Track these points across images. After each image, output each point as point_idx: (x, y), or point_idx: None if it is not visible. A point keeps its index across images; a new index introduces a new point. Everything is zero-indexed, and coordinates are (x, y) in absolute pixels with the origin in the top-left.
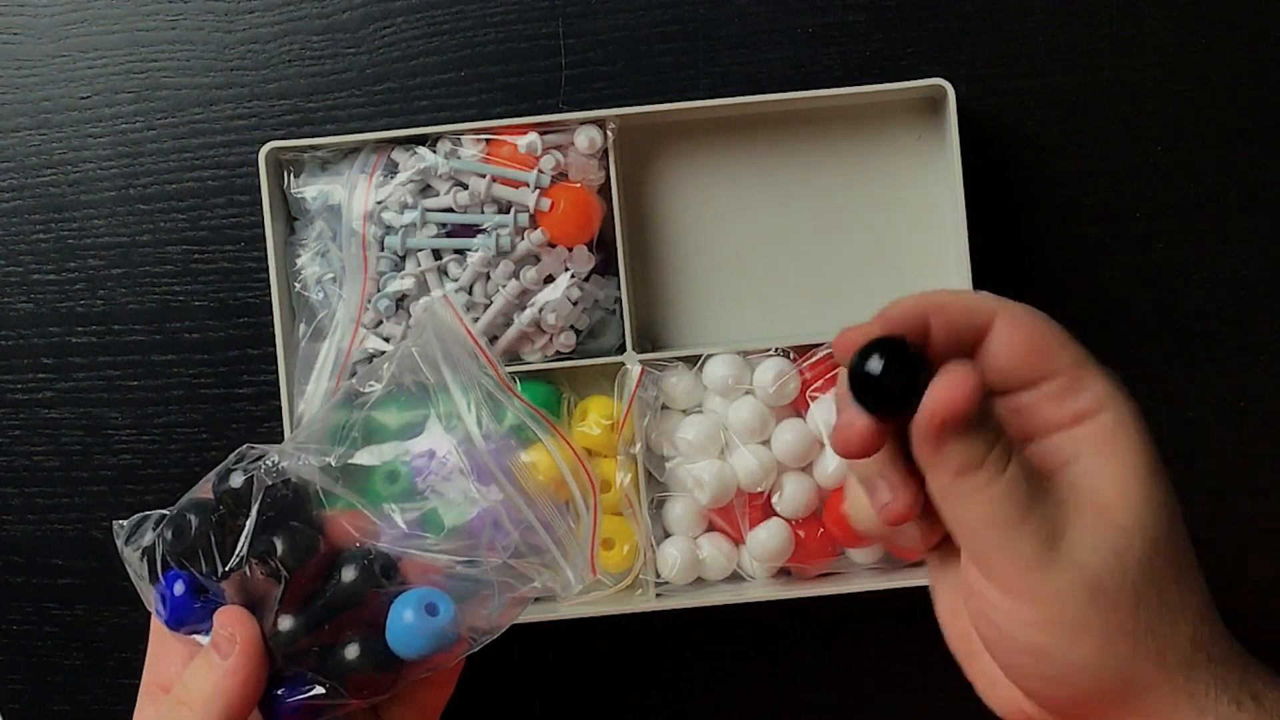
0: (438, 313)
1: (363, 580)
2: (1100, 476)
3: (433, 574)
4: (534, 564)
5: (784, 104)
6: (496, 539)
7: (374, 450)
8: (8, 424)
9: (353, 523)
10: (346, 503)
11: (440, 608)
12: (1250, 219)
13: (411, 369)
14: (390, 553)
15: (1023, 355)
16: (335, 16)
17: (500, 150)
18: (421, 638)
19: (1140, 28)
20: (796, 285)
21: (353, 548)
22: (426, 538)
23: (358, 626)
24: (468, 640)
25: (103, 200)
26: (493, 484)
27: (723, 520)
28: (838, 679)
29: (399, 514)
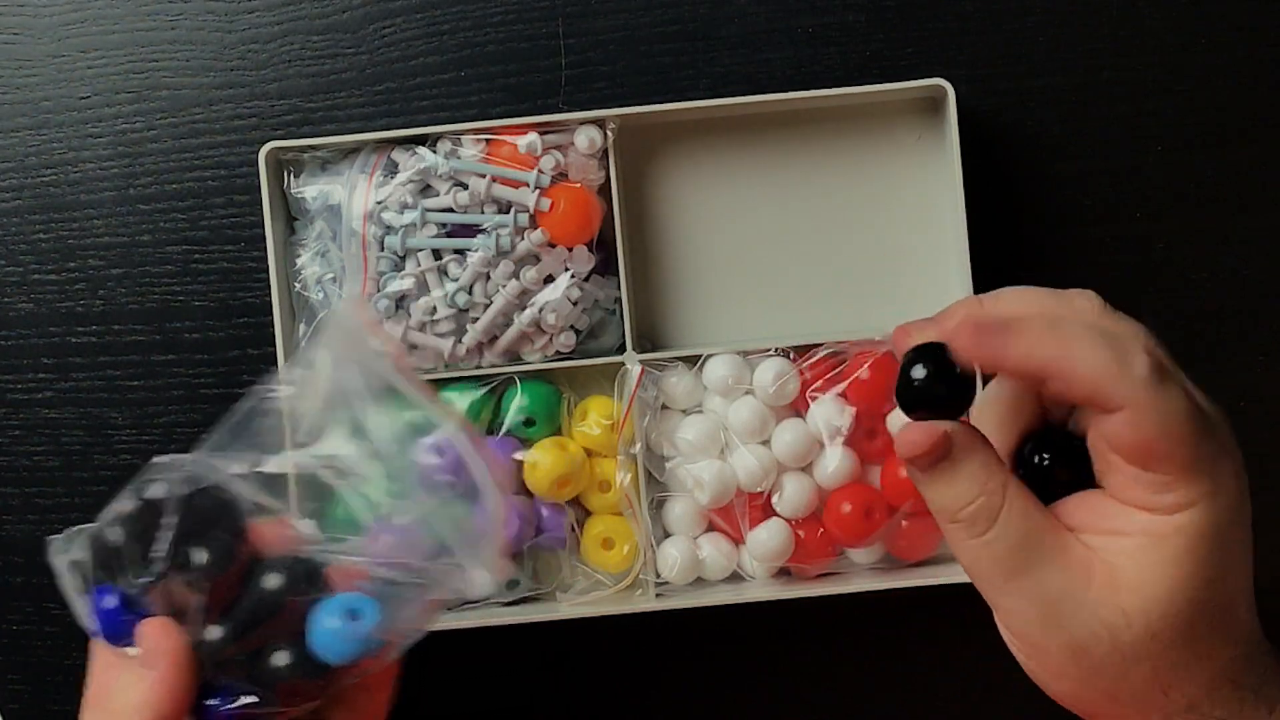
0: (341, 315)
1: (287, 587)
2: (1130, 563)
3: (357, 579)
4: (446, 566)
5: (784, 104)
6: (412, 541)
7: (288, 457)
8: (8, 424)
9: (277, 530)
10: (270, 510)
11: (364, 613)
12: (1250, 219)
13: (313, 375)
14: (314, 559)
15: (1131, 453)
16: (335, 16)
17: (500, 150)
18: (346, 643)
19: (1140, 28)
20: (796, 285)
21: (277, 555)
22: (349, 541)
23: (285, 634)
24: (394, 644)
25: (103, 200)
26: (398, 486)
27: (723, 520)
28: (838, 679)
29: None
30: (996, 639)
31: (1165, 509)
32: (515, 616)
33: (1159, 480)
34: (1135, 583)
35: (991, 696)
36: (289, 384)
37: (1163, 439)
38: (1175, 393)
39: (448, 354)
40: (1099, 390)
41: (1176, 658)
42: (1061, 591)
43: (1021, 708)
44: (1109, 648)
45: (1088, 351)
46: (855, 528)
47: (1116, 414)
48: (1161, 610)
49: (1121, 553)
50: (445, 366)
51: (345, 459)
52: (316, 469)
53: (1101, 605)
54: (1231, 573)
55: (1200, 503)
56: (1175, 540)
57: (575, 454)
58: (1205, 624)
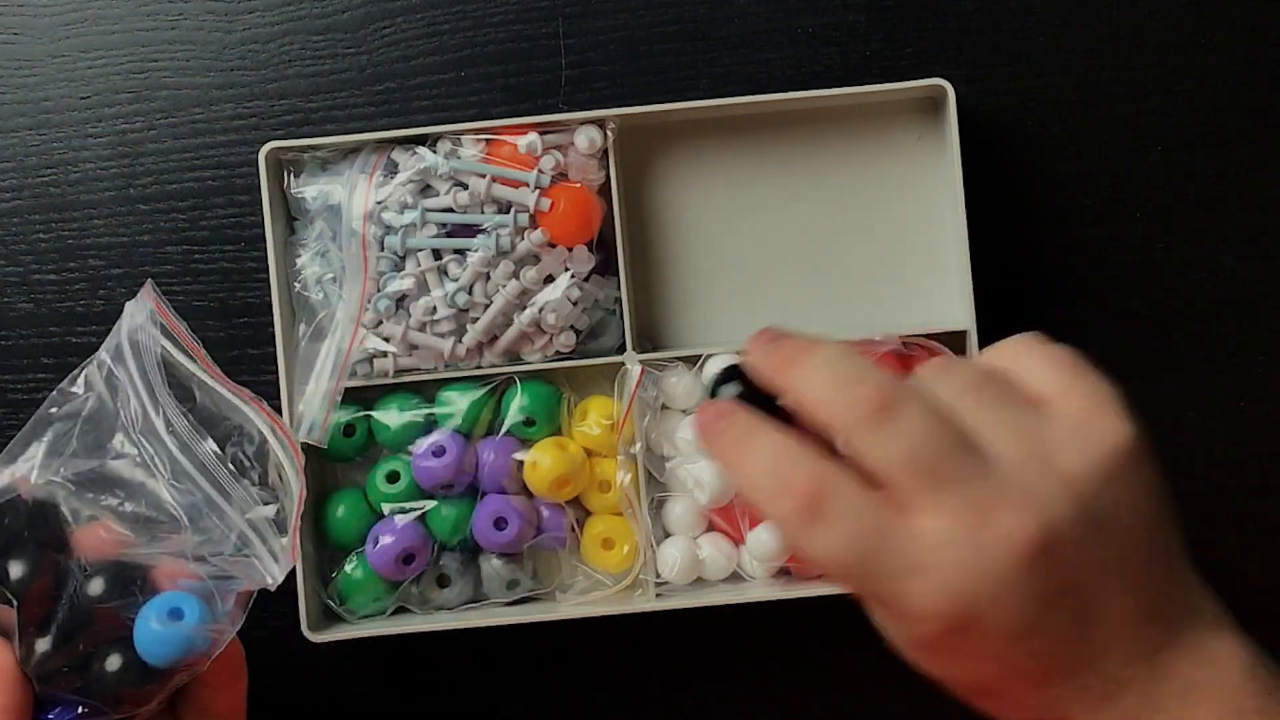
0: (134, 306)
1: (108, 593)
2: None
3: (179, 578)
4: (244, 558)
5: (784, 104)
6: (215, 536)
7: (96, 458)
8: (8, 424)
9: (98, 535)
10: (85, 515)
11: (185, 611)
12: (1250, 219)
13: (105, 373)
14: (136, 561)
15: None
16: (335, 16)
17: (500, 150)
18: (169, 644)
19: (1140, 28)
20: (796, 285)
21: (98, 560)
22: (168, 539)
23: (111, 640)
24: (217, 640)
25: (103, 200)
26: (187, 481)
27: (723, 520)
28: (838, 679)
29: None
30: None
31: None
32: (515, 616)
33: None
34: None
35: None
36: (86, 384)
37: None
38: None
39: (448, 354)
40: (822, 421)
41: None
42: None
43: None
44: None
45: (819, 386)
46: None
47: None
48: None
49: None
50: (445, 366)
51: (144, 456)
52: (123, 470)
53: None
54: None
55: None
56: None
57: (575, 454)
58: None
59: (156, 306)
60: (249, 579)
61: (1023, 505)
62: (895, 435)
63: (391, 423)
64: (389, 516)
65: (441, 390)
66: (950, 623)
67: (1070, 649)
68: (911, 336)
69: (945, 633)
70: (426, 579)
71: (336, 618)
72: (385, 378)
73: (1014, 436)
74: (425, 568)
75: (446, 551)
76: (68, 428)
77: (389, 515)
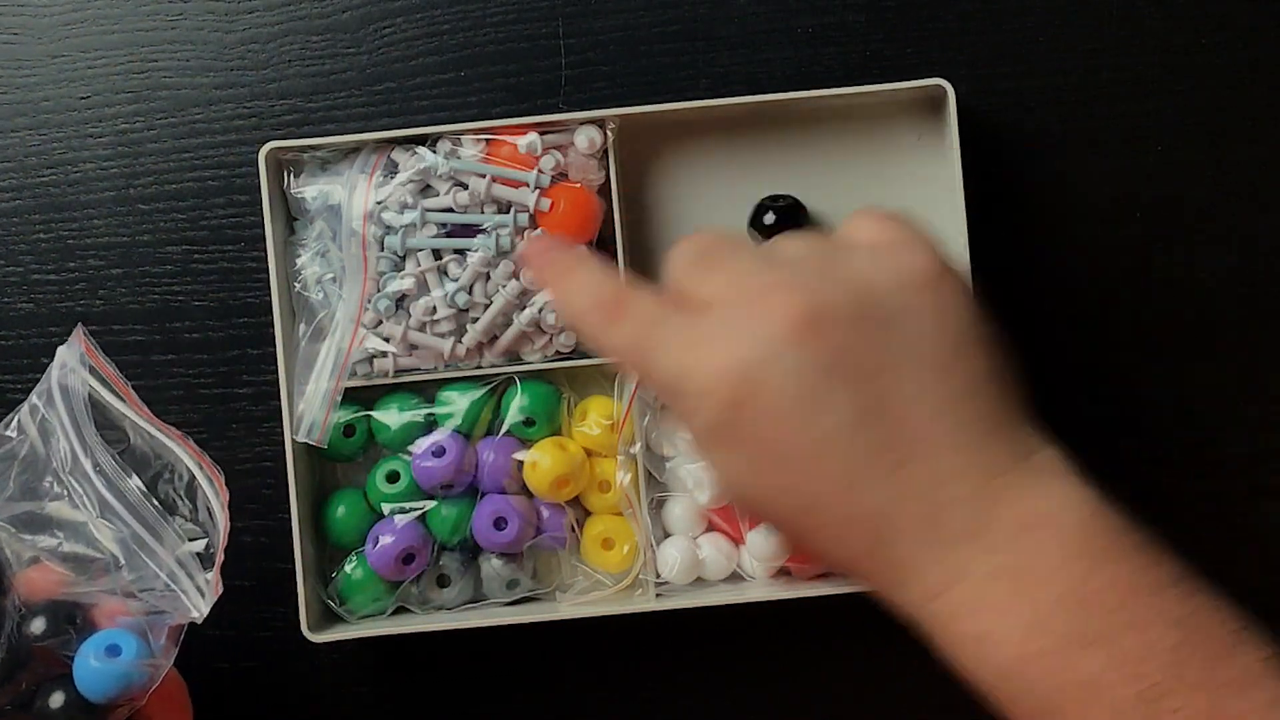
0: (61, 354)
1: (48, 631)
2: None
3: (118, 615)
4: (169, 594)
5: (784, 104)
6: (143, 573)
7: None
8: None
9: (41, 576)
10: (32, 556)
11: (123, 648)
12: (1250, 219)
13: (38, 417)
14: (75, 600)
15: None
16: (335, 16)
17: (500, 150)
18: (107, 680)
19: (1140, 28)
20: None
21: (38, 600)
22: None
23: (53, 678)
24: (155, 674)
25: (103, 200)
26: (116, 520)
27: (723, 520)
28: (838, 679)
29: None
30: None
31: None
32: (515, 616)
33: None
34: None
35: None
36: (19, 427)
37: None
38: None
39: (448, 354)
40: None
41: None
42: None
43: None
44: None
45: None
46: None
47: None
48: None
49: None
50: (445, 366)
51: (74, 496)
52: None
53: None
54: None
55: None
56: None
57: (575, 454)
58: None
59: (86, 349)
60: (178, 613)
61: (793, 288)
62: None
63: (391, 423)
64: (389, 516)
65: (441, 390)
66: (729, 394)
67: (870, 438)
68: None
69: (728, 406)
70: (426, 579)
71: (336, 618)
72: (385, 378)
73: (801, 247)
74: (425, 568)
75: (446, 551)
76: (4, 469)
77: (389, 515)
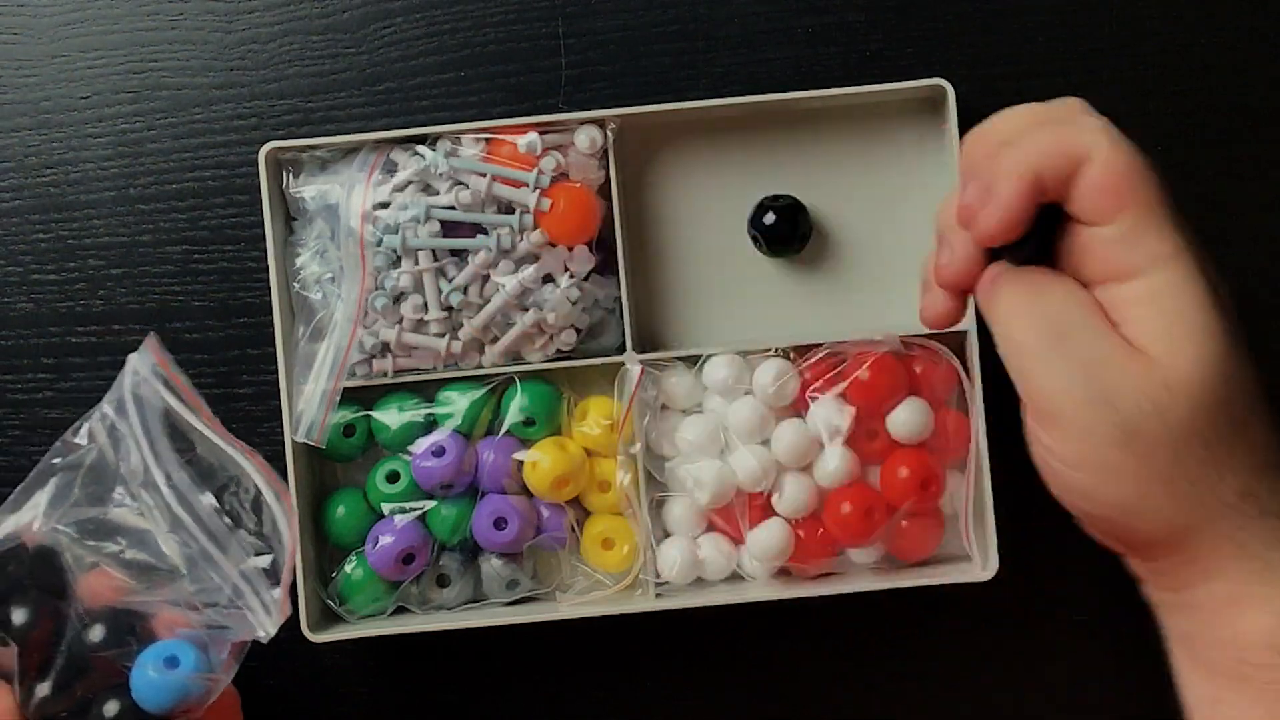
0: (134, 362)
1: (107, 640)
2: (1151, 333)
3: (178, 626)
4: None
5: (784, 104)
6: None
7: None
8: (8, 424)
9: (100, 582)
10: (87, 562)
11: (181, 659)
12: (1250, 219)
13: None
14: (135, 609)
15: (1099, 197)
16: (335, 16)
17: (500, 150)
18: (165, 691)
19: (1140, 28)
20: (796, 285)
21: (98, 607)
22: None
23: (110, 687)
24: (212, 687)
25: (103, 200)
26: (185, 533)
27: (723, 520)
28: (838, 679)
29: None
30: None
31: (1140, 266)
32: (515, 616)
33: (1126, 234)
34: (1167, 351)
35: (992, 696)
36: (89, 435)
37: (1128, 177)
38: (1130, 144)
39: (444, 354)
40: (1067, 154)
41: (1223, 432)
42: (1106, 359)
43: (1023, 707)
44: (1158, 425)
45: (1050, 138)
46: (855, 528)
47: (1088, 165)
48: (1200, 377)
49: (1141, 328)
50: (445, 366)
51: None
52: (126, 519)
53: (1143, 379)
54: (1239, 339)
55: (1175, 254)
56: (1169, 295)
57: (575, 454)
58: (1241, 395)
59: (159, 359)
60: (242, 630)
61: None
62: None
63: (391, 423)
64: (389, 516)
65: (441, 390)
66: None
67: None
68: (911, 336)
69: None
70: (426, 579)
71: (336, 618)
72: (384, 378)
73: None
74: (425, 568)
75: (446, 551)
76: (70, 478)
77: (389, 515)
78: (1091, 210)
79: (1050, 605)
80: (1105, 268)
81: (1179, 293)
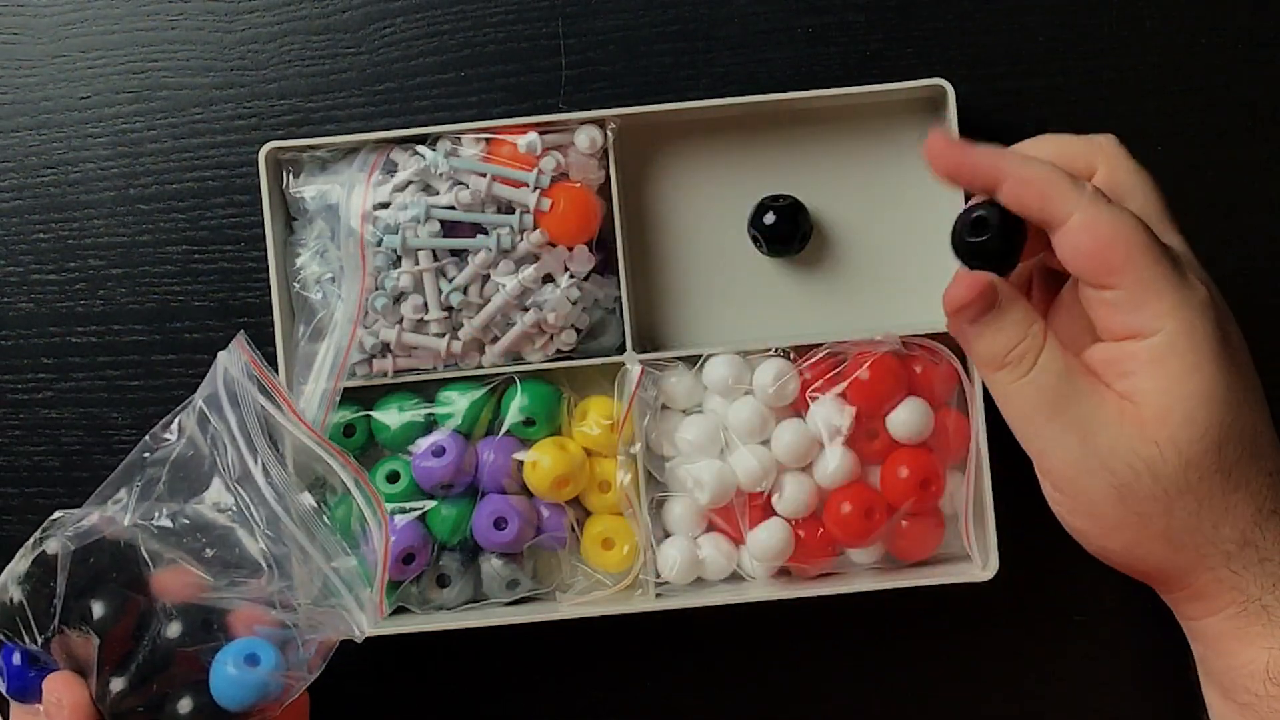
0: (225, 360)
1: (185, 636)
2: (1146, 393)
3: (257, 624)
4: (330, 609)
5: (784, 104)
6: (299, 584)
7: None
8: (8, 424)
9: (177, 578)
10: (168, 558)
11: (261, 658)
12: (1250, 219)
13: (200, 421)
14: (213, 605)
15: (1086, 263)
16: (335, 16)
17: (500, 150)
18: (244, 689)
19: (1140, 28)
20: (796, 285)
21: (176, 603)
22: (247, 585)
23: (186, 682)
24: (291, 686)
25: (103, 200)
26: (281, 530)
27: (723, 520)
28: (838, 679)
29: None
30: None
31: (1143, 329)
32: (515, 616)
33: (1127, 299)
34: (1158, 413)
35: (992, 696)
36: (179, 429)
37: (1117, 244)
38: (1121, 209)
39: (444, 354)
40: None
41: (1216, 485)
42: (1100, 424)
43: (1022, 706)
44: (1150, 482)
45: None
46: (855, 528)
47: (1068, 226)
48: (1189, 435)
49: (1136, 390)
50: (445, 366)
51: (232, 504)
52: (208, 515)
53: (1135, 439)
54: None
55: (1179, 311)
56: (1170, 358)
57: (575, 454)
58: (1234, 446)
59: (250, 360)
60: (334, 629)
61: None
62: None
63: (391, 423)
64: (389, 516)
65: (441, 390)
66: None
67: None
68: (911, 336)
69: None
70: (426, 579)
71: None
72: (385, 378)
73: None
74: (425, 568)
75: (446, 551)
76: (158, 473)
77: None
78: (1080, 273)
79: (1050, 605)
80: (1104, 326)
81: (1178, 353)
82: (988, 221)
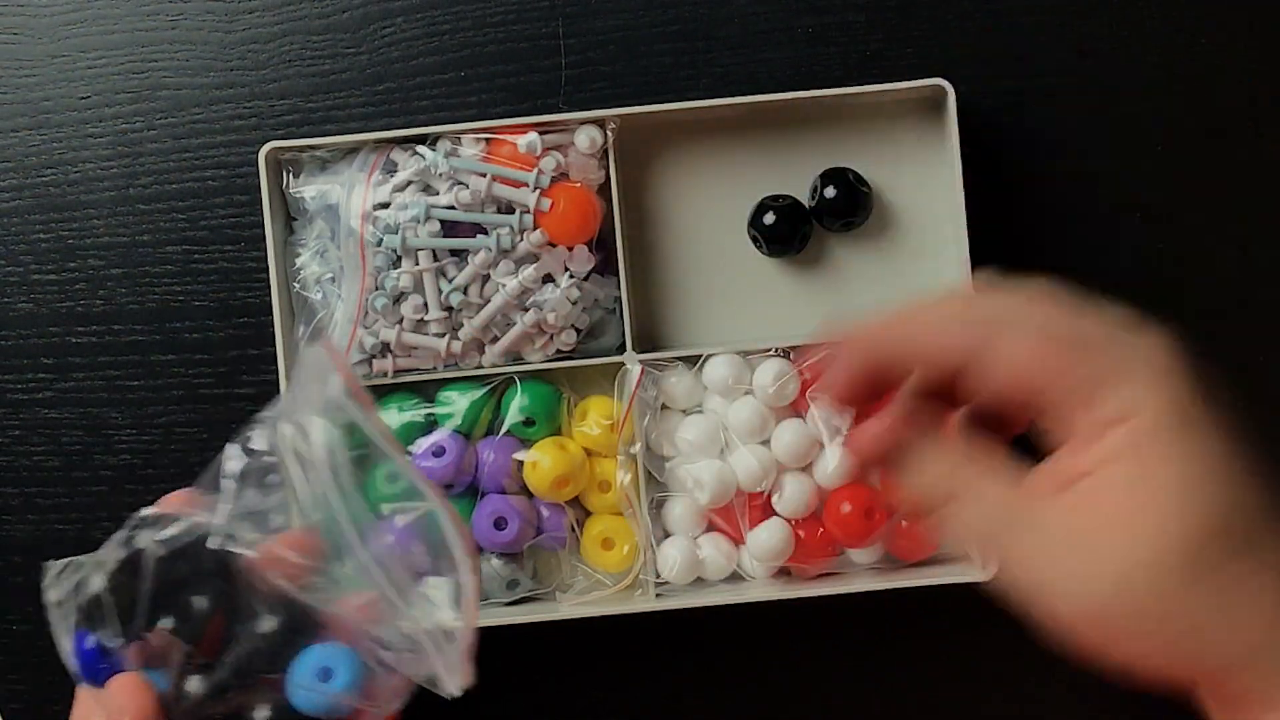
0: (316, 365)
1: (277, 633)
2: (1115, 492)
3: (342, 634)
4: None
5: (784, 104)
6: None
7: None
8: (8, 424)
9: (275, 553)
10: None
11: (337, 671)
12: (1250, 218)
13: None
14: (310, 603)
15: (1028, 384)
16: (335, 16)
17: (500, 150)
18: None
19: (1140, 28)
20: (796, 286)
21: (273, 597)
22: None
23: (266, 690)
24: (364, 714)
25: (103, 200)
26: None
27: (723, 520)
28: (838, 679)
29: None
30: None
31: (1113, 419)
32: (515, 616)
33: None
34: (1130, 511)
35: (992, 696)
36: (269, 435)
37: (1050, 358)
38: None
39: (444, 354)
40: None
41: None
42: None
43: (1023, 707)
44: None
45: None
46: (855, 528)
47: (992, 357)
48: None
49: (1103, 487)
50: (445, 366)
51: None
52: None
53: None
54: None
55: (1150, 396)
56: (1145, 448)
57: (575, 454)
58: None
59: (348, 379)
60: (416, 674)
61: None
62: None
63: (391, 423)
64: (389, 516)
65: (441, 390)
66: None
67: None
68: None
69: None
70: None
71: None
72: (384, 378)
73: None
74: None
75: None
76: (249, 479)
77: (389, 515)
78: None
79: None
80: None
81: (1151, 446)
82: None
